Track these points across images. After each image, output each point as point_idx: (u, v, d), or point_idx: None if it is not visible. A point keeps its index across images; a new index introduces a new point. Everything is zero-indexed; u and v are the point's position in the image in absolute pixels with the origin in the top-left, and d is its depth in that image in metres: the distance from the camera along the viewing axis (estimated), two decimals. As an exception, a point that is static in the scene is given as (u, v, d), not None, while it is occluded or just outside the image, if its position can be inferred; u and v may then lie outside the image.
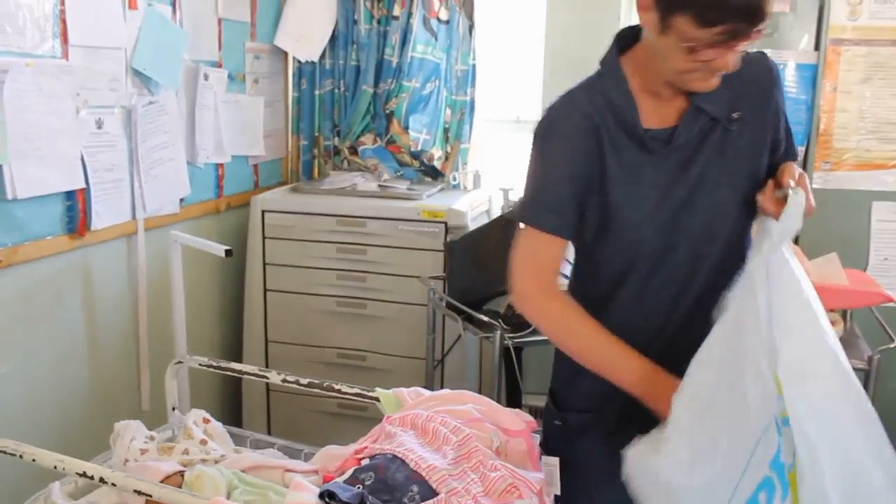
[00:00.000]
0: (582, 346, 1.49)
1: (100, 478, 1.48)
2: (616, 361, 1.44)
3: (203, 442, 1.90)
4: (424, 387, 1.93)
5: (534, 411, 3.22)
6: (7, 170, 1.97)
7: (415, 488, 1.40)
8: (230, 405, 3.03)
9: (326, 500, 1.30)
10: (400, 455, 1.46)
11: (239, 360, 2.95)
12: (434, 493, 1.41)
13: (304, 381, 1.90)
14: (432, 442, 1.54)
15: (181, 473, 1.72)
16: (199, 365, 2.02)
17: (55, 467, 1.53)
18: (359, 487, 1.41)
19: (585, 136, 1.44)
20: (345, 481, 1.44)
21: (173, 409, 2.06)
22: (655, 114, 1.44)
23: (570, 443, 1.62)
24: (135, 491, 1.45)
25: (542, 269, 1.51)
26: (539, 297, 1.51)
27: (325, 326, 2.89)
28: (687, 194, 1.43)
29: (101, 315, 2.36)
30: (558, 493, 1.68)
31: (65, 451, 2.17)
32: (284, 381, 1.93)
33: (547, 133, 1.49)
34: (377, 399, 1.82)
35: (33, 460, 1.55)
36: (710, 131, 1.43)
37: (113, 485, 1.48)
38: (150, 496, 1.44)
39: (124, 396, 2.48)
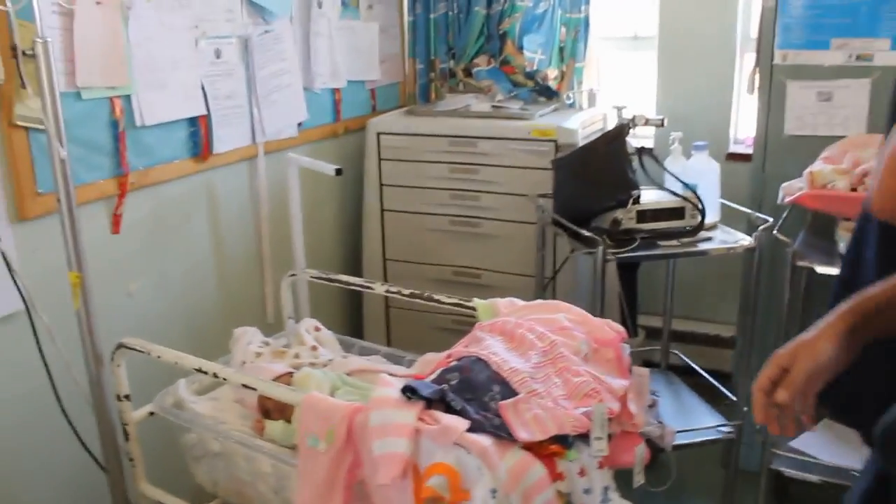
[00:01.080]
0: None
1: (213, 373, 1.62)
2: None
3: (313, 348, 2.03)
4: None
5: (649, 332, 3.22)
6: (135, 99, 2.12)
7: (496, 388, 1.46)
8: (353, 320, 3.18)
9: (408, 395, 1.37)
10: (484, 357, 1.52)
11: (359, 273, 3.08)
12: (513, 392, 1.46)
13: (406, 291, 1.98)
14: (518, 347, 1.59)
15: (290, 374, 1.85)
16: (311, 277, 2.14)
17: (175, 363, 1.68)
18: (444, 386, 1.48)
19: None
20: (432, 381, 1.52)
21: (289, 318, 2.19)
22: None
23: None
24: (243, 385, 1.57)
25: None
26: None
27: (439, 245, 2.97)
28: None
29: (226, 233, 2.52)
30: (648, 403, 1.70)
31: (190, 349, 2.37)
32: (388, 291, 2.02)
33: None
34: (474, 308, 1.88)
35: (158, 357, 1.70)
36: None
37: (224, 380, 1.61)
38: (256, 390, 1.56)
39: (249, 308, 2.65)
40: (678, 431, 2.22)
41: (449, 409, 1.40)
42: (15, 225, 1.87)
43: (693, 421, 2.67)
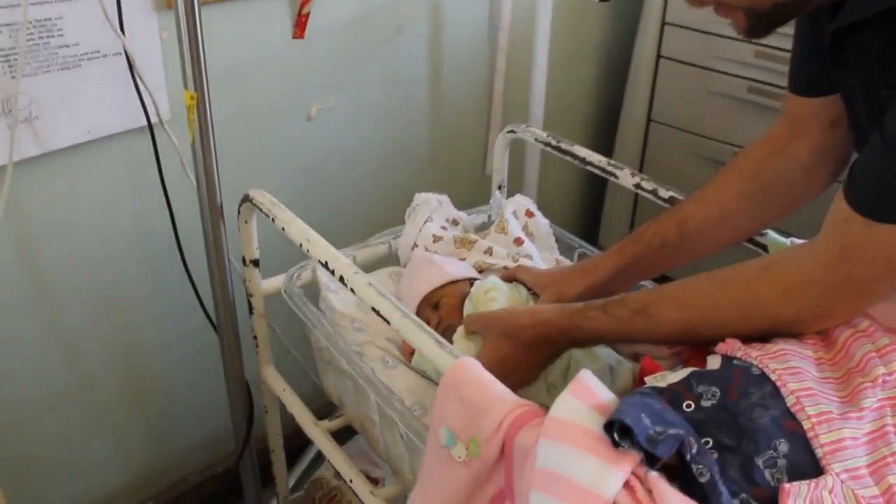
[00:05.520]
0: None
1: (340, 275, 1.02)
2: None
3: (518, 241, 1.37)
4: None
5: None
6: None
7: (782, 442, 0.73)
8: (589, 209, 2.47)
9: (616, 437, 0.69)
10: (774, 378, 0.79)
11: (610, 143, 2.32)
12: (813, 463, 0.73)
13: (666, 193, 1.25)
14: (837, 364, 0.83)
15: (470, 281, 1.23)
16: (536, 140, 1.45)
17: (300, 245, 1.10)
18: (688, 407, 0.79)
19: None
20: (671, 385, 0.82)
21: (498, 188, 1.54)
22: None
23: None
24: (373, 310, 0.97)
25: None
26: None
27: (725, 115, 2.12)
28: None
29: (449, 58, 1.84)
30: None
31: (383, 203, 1.80)
32: (638, 186, 1.29)
33: None
34: (763, 248, 1.13)
35: (282, 229, 1.13)
36: None
37: (351, 290, 1.01)
38: (388, 322, 0.95)
39: (466, 156, 2.02)
40: None
41: (684, 471, 0.71)
42: (161, 12, 1.33)
43: None
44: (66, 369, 1.49)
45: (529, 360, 1.01)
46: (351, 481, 1.19)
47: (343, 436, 1.36)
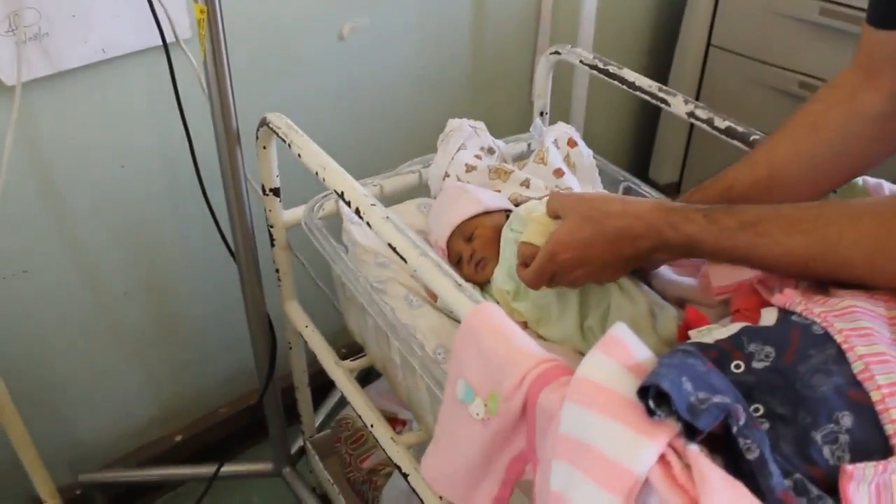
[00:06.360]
0: None
1: (357, 207, 0.93)
2: None
3: (558, 173, 1.26)
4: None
5: None
6: None
7: (846, 418, 0.63)
8: (639, 142, 2.31)
9: (653, 405, 0.60)
10: (839, 340, 0.68)
11: (665, 70, 2.16)
12: (882, 441, 0.63)
13: (723, 123, 1.12)
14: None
15: (506, 213, 1.13)
16: (582, 62, 1.32)
17: (316, 173, 1.00)
18: (736, 367, 0.69)
19: None
20: (718, 342, 0.72)
21: (541, 114, 1.42)
22: None
23: None
24: (389, 247, 0.88)
25: None
26: None
27: (793, 40, 1.94)
28: None
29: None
30: None
31: (420, 130, 1.70)
32: (692, 114, 1.16)
33: None
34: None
35: (299, 156, 1.04)
36: None
37: (367, 224, 0.92)
38: (405, 261, 0.85)
39: (511, 82, 1.88)
40: None
41: (730, 442, 0.61)
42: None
43: None
44: (91, 298, 1.44)
45: (607, 254, 0.87)
46: (372, 426, 1.12)
47: (376, 372, 1.29)
